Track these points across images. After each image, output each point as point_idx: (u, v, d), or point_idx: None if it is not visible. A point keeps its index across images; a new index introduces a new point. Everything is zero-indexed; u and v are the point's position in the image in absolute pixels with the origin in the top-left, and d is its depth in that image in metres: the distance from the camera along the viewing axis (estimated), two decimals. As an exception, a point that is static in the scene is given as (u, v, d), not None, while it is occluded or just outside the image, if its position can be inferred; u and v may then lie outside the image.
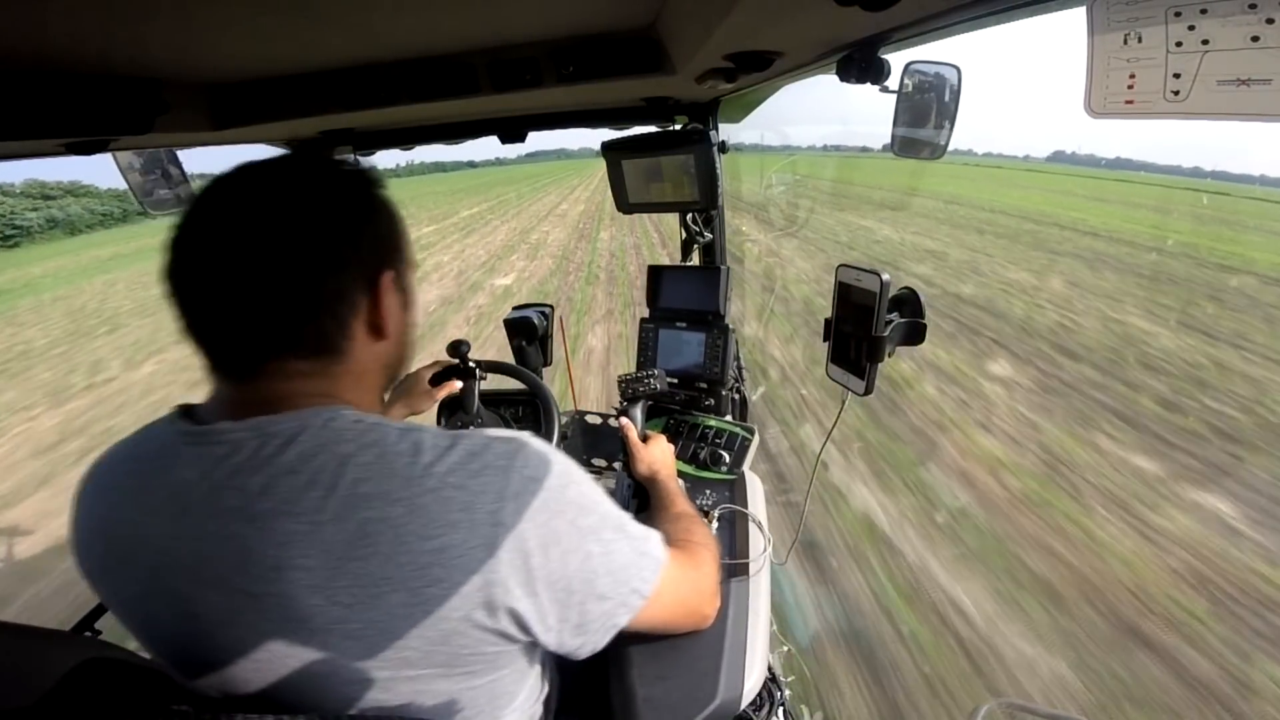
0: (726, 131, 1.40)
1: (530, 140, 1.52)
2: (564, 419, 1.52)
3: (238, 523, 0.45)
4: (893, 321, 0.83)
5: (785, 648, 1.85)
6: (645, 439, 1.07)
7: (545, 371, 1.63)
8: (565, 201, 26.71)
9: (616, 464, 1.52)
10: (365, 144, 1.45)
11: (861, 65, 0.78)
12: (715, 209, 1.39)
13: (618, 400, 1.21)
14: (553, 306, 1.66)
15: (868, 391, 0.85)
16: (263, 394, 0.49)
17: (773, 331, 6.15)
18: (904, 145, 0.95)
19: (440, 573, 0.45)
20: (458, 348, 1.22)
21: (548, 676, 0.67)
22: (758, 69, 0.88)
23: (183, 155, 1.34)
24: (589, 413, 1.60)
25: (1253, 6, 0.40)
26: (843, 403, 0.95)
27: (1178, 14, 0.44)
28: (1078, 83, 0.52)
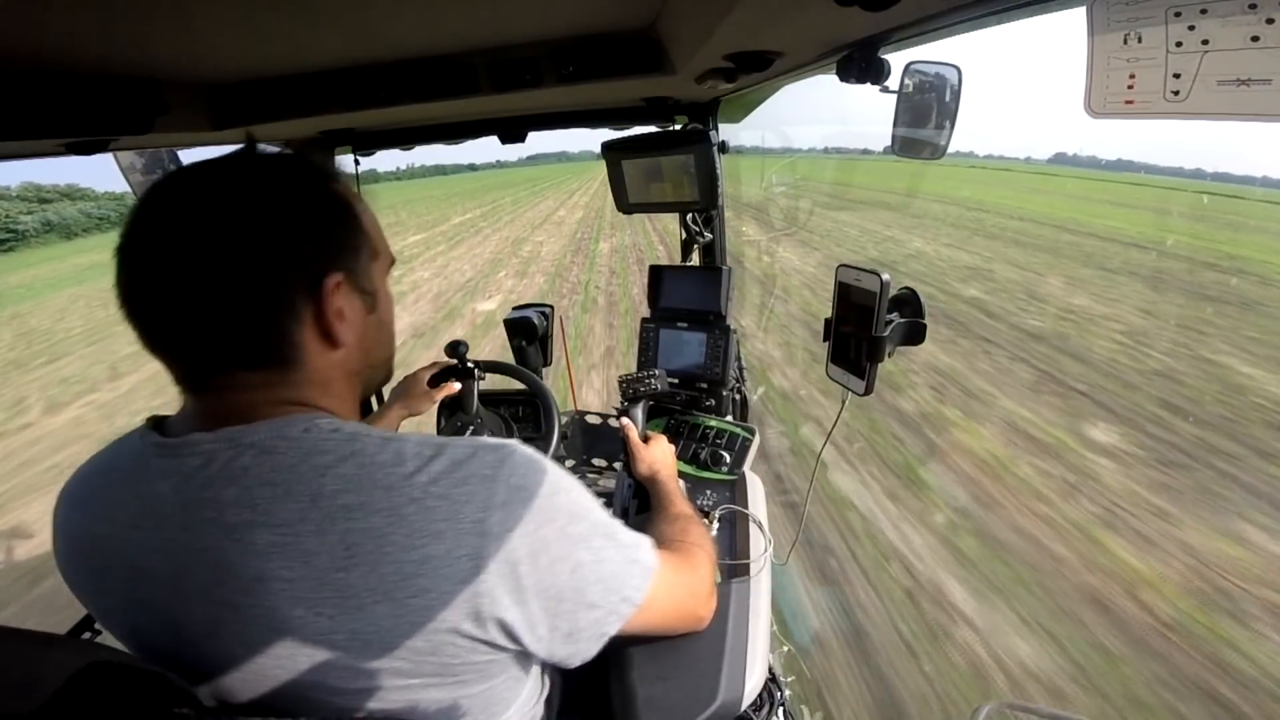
0: (726, 132, 1.40)
1: (531, 143, 1.52)
2: (564, 419, 1.52)
3: (214, 535, 0.44)
4: (893, 321, 0.83)
5: (785, 648, 1.85)
6: (646, 439, 1.07)
7: (545, 371, 1.63)
8: (563, 207, 25.47)
9: (617, 464, 1.52)
10: (365, 144, 1.45)
11: (861, 65, 0.78)
12: (715, 209, 1.39)
13: (618, 400, 1.21)
14: (552, 306, 1.66)
15: (868, 391, 0.85)
16: (229, 405, 0.48)
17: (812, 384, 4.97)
18: (904, 145, 0.95)
19: (425, 583, 0.44)
20: (456, 348, 1.22)
21: (547, 677, 0.67)
22: (758, 69, 0.88)
23: (183, 155, 1.34)
24: (589, 413, 1.60)
25: (1253, 6, 0.40)
26: (843, 402, 0.95)
27: (1178, 14, 0.44)
28: (1078, 83, 0.52)
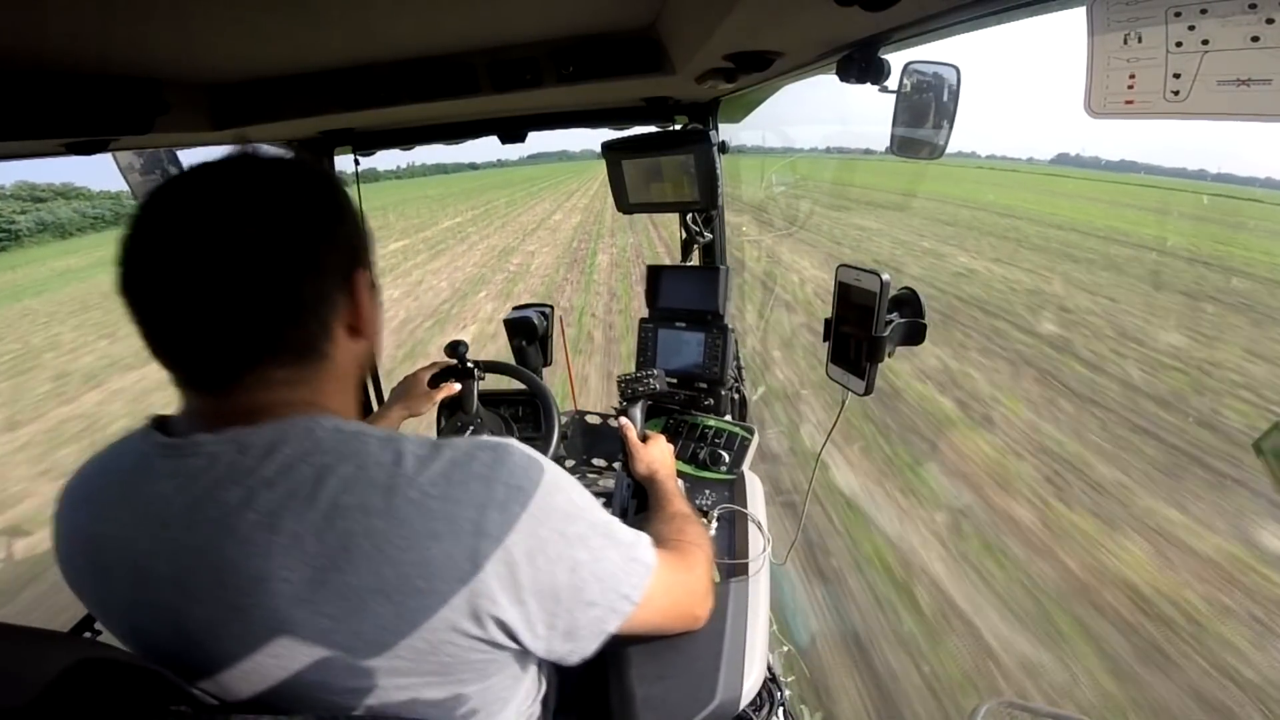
0: (726, 132, 1.40)
1: (532, 142, 1.52)
2: (564, 419, 1.52)
3: (218, 535, 0.44)
4: (893, 321, 0.83)
5: (785, 648, 1.85)
6: (645, 439, 1.07)
7: (545, 371, 1.63)
8: (559, 210, 23.46)
9: (616, 464, 1.52)
10: (365, 144, 1.45)
11: (861, 65, 0.78)
12: (715, 209, 1.39)
13: (617, 400, 1.21)
14: (552, 306, 1.66)
15: (868, 391, 0.85)
16: (241, 404, 0.48)
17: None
18: (903, 145, 0.95)
19: (423, 584, 0.44)
20: (456, 348, 1.22)
21: (545, 677, 0.67)
22: (758, 69, 0.88)
23: (183, 155, 1.34)
24: (589, 412, 1.60)
25: (1253, 6, 0.40)
26: (843, 402, 0.95)
27: (1178, 14, 0.44)
28: (1079, 83, 0.52)
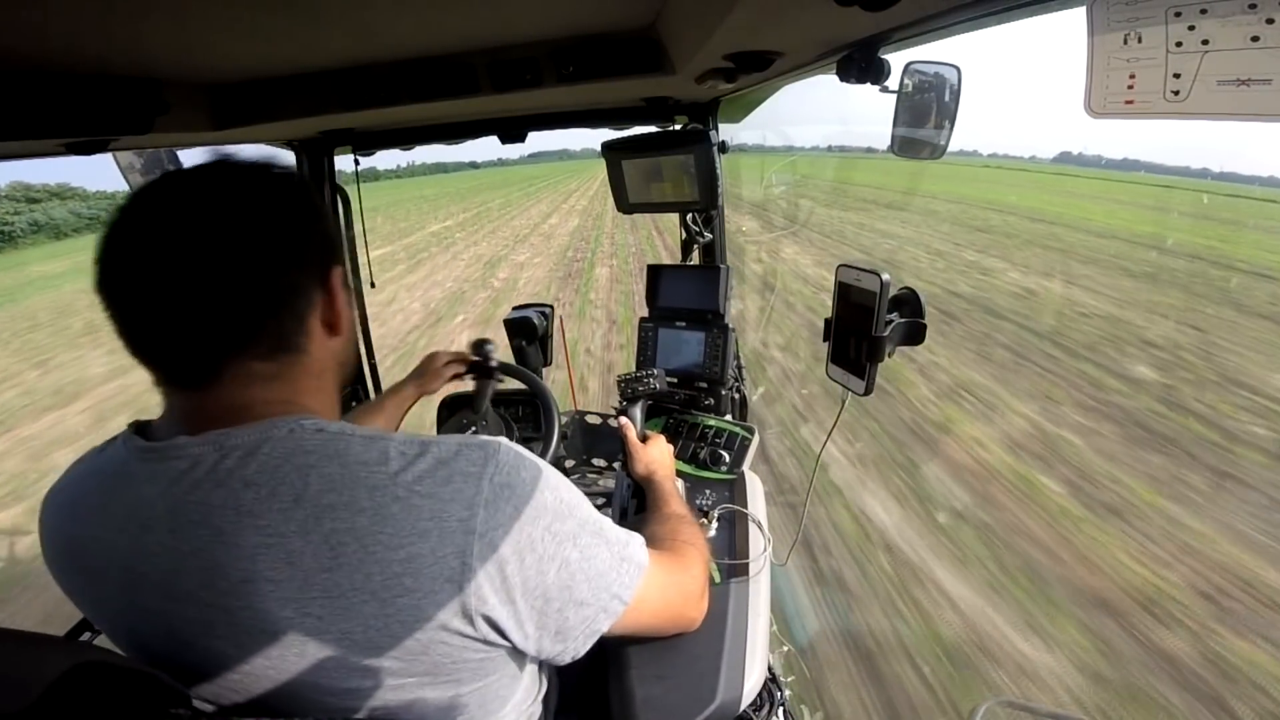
0: (726, 131, 1.40)
1: (533, 141, 1.51)
2: (564, 419, 1.52)
3: (202, 538, 0.44)
4: (893, 321, 0.83)
5: (785, 648, 1.85)
6: (644, 439, 1.07)
7: (545, 371, 1.63)
8: (556, 213, 21.87)
9: (616, 464, 1.52)
10: (365, 144, 1.45)
11: (861, 65, 0.78)
12: (715, 209, 1.39)
13: (617, 400, 1.21)
14: (552, 306, 1.66)
15: (867, 391, 0.85)
16: (221, 403, 0.48)
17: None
18: (904, 145, 0.95)
19: (411, 582, 0.44)
20: (482, 346, 1.22)
21: (545, 677, 0.67)
22: (758, 69, 0.88)
23: (182, 155, 1.34)
24: (589, 412, 1.60)
25: (1253, 6, 0.40)
26: (843, 402, 0.95)
27: (1178, 14, 0.44)
28: (1080, 83, 0.52)
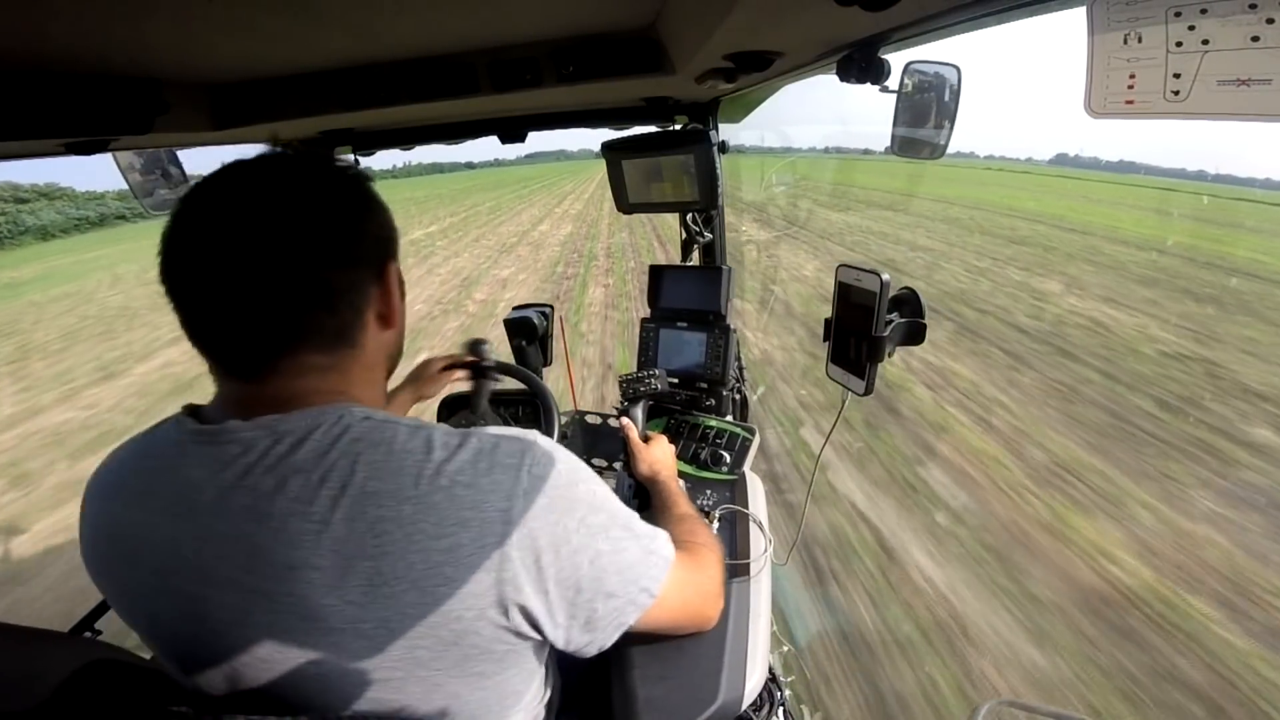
0: (726, 132, 1.40)
1: (530, 142, 1.53)
2: (564, 419, 1.52)
3: (249, 523, 0.45)
4: (893, 321, 0.83)
5: (785, 648, 1.85)
6: (646, 439, 1.07)
7: (545, 371, 1.63)
8: (548, 218, 19.97)
9: (617, 464, 1.52)
10: (365, 144, 1.45)
11: (861, 65, 0.78)
12: (715, 209, 1.39)
13: (618, 400, 1.21)
14: (552, 306, 1.66)
15: (868, 392, 0.85)
16: (275, 392, 0.49)
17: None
18: (904, 145, 0.95)
19: (451, 571, 0.45)
20: (477, 346, 1.22)
21: (551, 677, 0.67)
22: (758, 69, 0.88)
23: (183, 155, 1.34)
24: (589, 413, 1.60)
25: (1253, 6, 0.40)
26: (843, 402, 0.95)
27: (1178, 14, 0.44)
28: (1078, 84, 0.52)
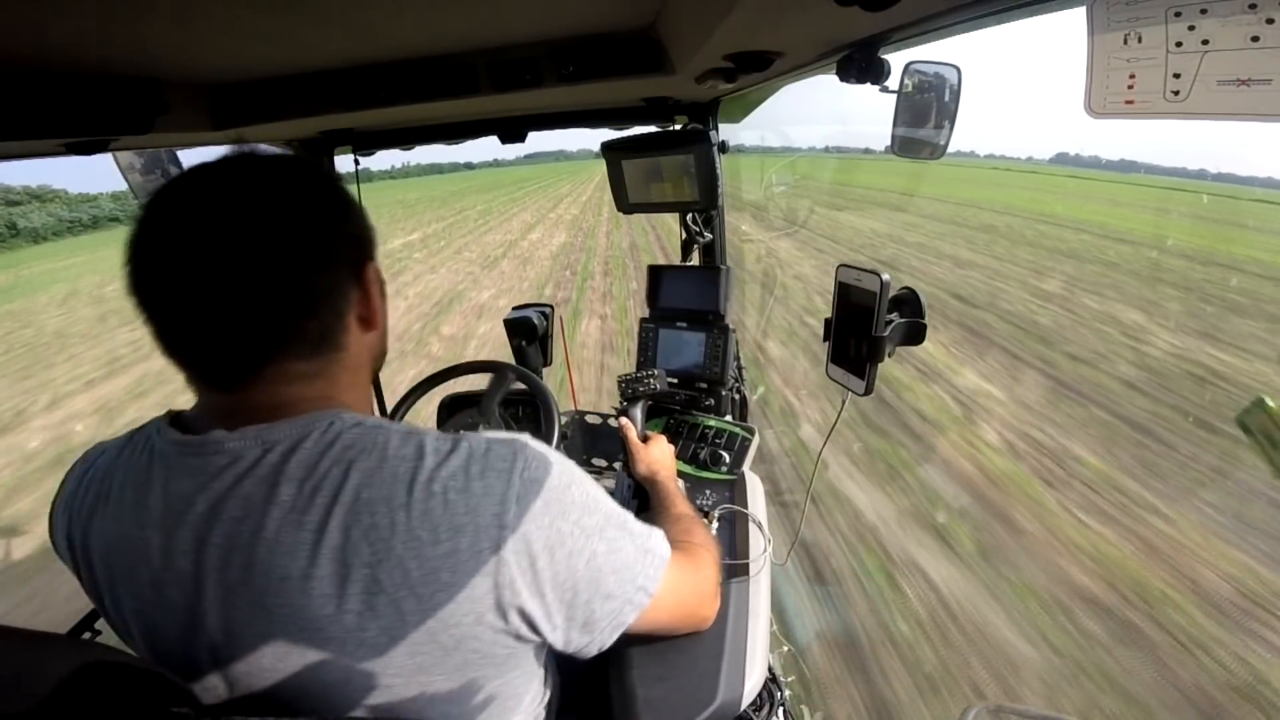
0: (726, 131, 1.40)
1: (530, 142, 1.53)
2: (564, 419, 1.52)
3: (243, 534, 0.44)
4: (893, 321, 0.83)
5: (785, 648, 1.85)
6: (645, 439, 1.07)
7: (545, 371, 1.63)
8: (541, 224, 17.91)
9: (616, 464, 1.52)
10: (365, 144, 1.45)
11: (861, 65, 0.77)
12: (715, 209, 1.39)
13: (618, 400, 1.21)
14: (552, 306, 1.65)
15: (868, 392, 0.85)
16: (259, 401, 0.48)
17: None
18: (904, 145, 0.95)
19: (449, 577, 0.44)
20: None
21: (550, 678, 0.67)
22: (758, 69, 0.88)
23: (182, 155, 1.34)
24: (589, 413, 1.60)
25: (1253, 6, 0.40)
26: (843, 402, 0.95)
27: (1178, 14, 0.44)
28: (1077, 83, 0.52)
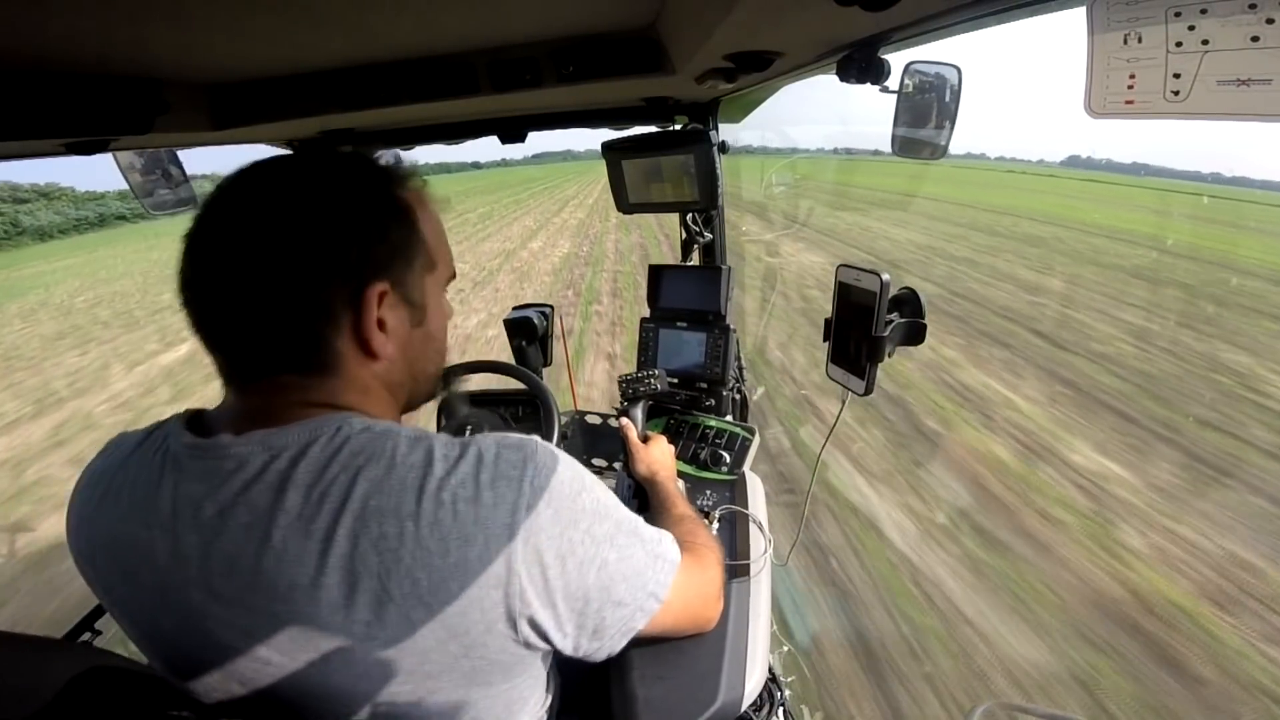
0: (727, 132, 1.40)
1: (537, 141, 1.53)
2: (564, 419, 1.52)
3: (250, 541, 0.44)
4: (893, 321, 0.83)
5: (785, 648, 1.85)
6: (645, 439, 1.07)
7: (545, 372, 1.63)
8: (544, 230, 16.84)
9: (617, 464, 1.52)
10: (365, 144, 1.45)
11: (861, 65, 0.77)
12: (715, 209, 1.39)
13: (618, 400, 1.21)
14: (552, 307, 1.65)
15: (868, 391, 0.85)
16: (265, 405, 0.48)
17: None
18: (905, 146, 0.95)
19: (458, 587, 0.44)
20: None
21: (553, 680, 0.67)
22: (758, 69, 0.88)
23: (183, 155, 1.34)
24: (589, 413, 1.60)
25: (1253, 6, 0.40)
26: (843, 402, 0.95)
27: (1178, 14, 0.44)
28: (1082, 84, 0.52)
